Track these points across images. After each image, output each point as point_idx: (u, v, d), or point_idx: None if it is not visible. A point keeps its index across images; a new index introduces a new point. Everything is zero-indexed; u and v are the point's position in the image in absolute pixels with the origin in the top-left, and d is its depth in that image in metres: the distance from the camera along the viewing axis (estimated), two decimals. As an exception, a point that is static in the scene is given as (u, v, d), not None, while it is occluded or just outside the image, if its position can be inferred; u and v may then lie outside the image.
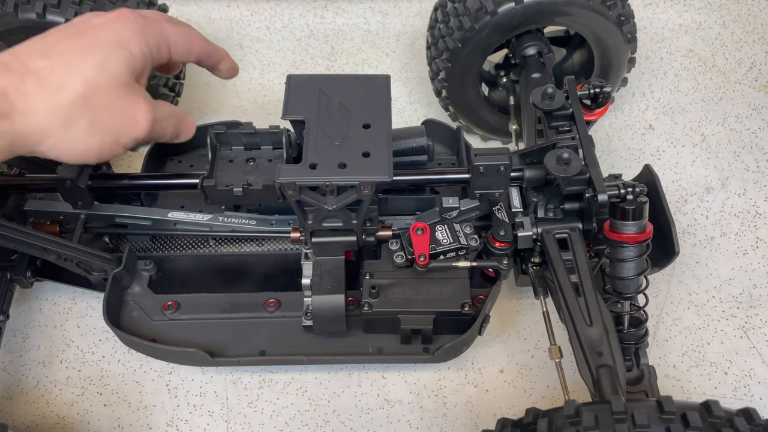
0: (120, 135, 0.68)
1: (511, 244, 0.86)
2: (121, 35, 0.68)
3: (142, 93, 0.70)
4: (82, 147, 0.66)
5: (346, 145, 0.77)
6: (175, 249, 0.97)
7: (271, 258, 0.97)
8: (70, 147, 0.66)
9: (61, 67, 0.64)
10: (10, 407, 0.93)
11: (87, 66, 0.65)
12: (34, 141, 0.64)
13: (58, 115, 0.63)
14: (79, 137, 0.65)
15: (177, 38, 0.74)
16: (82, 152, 0.67)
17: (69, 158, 0.67)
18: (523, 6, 0.95)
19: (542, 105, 0.87)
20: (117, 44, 0.67)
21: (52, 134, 0.64)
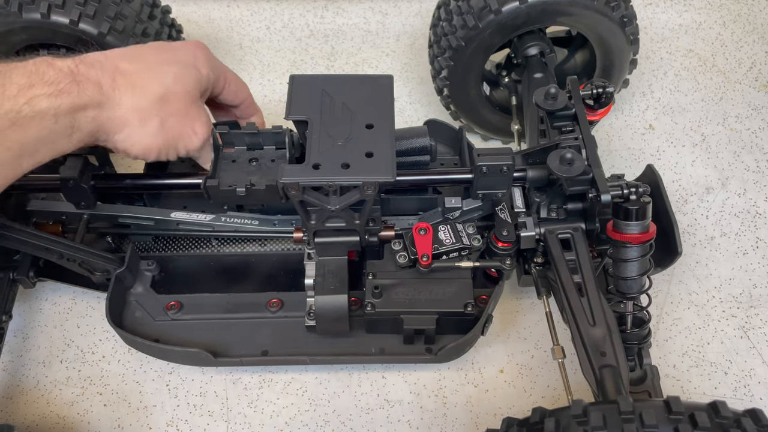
0: (179, 140, 0.78)
1: (513, 244, 0.86)
2: (196, 57, 0.80)
3: (204, 111, 0.81)
4: (149, 142, 0.75)
5: (349, 146, 0.77)
6: (178, 249, 0.97)
7: (273, 258, 0.97)
8: (140, 140, 0.75)
9: (146, 71, 0.75)
10: (10, 407, 0.93)
11: (167, 75, 0.76)
12: (113, 130, 0.73)
13: (138, 111, 0.73)
14: (149, 133, 0.75)
15: (231, 79, 0.86)
16: (148, 147, 0.76)
17: (135, 151, 0.76)
18: (527, 5, 0.95)
19: (545, 105, 0.87)
20: (192, 63, 0.79)
21: (129, 126, 0.73)
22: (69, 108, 0.68)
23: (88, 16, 0.95)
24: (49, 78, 0.67)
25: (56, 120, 0.67)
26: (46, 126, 0.66)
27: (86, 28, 0.96)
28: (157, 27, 1.04)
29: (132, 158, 0.78)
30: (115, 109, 0.72)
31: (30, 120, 0.65)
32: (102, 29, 0.96)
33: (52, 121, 0.66)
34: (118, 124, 0.73)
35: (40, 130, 0.66)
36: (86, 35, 0.96)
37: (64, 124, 0.68)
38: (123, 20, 0.98)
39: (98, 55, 0.74)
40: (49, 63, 0.68)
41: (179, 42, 0.83)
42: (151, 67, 0.76)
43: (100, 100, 0.70)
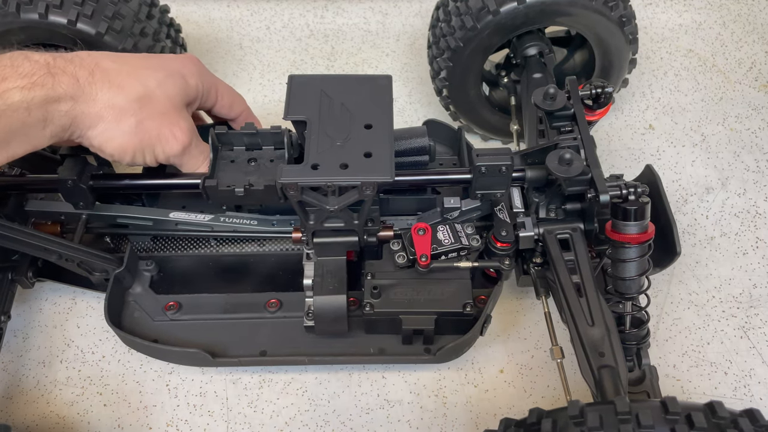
0: (157, 144, 0.77)
1: (512, 245, 0.86)
2: (184, 68, 0.80)
3: (187, 119, 0.80)
4: (123, 141, 0.75)
5: (347, 146, 0.77)
6: (177, 249, 0.97)
7: (272, 258, 0.97)
8: (114, 138, 0.74)
9: (127, 72, 0.75)
10: (10, 407, 0.93)
11: (149, 78, 0.76)
12: (87, 125, 0.72)
13: (114, 108, 0.73)
14: (124, 131, 0.74)
15: (225, 92, 0.86)
16: (122, 147, 0.75)
17: (109, 149, 0.75)
18: (525, 6, 0.95)
19: (544, 105, 0.87)
20: (178, 72, 0.79)
21: (103, 122, 0.73)
22: (42, 100, 0.67)
23: (86, 16, 0.95)
24: (24, 70, 0.67)
25: (29, 112, 0.67)
26: (18, 118, 0.66)
27: (84, 28, 0.95)
28: (155, 26, 1.04)
29: (107, 157, 0.78)
30: (89, 103, 0.72)
31: (2, 113, 0.65)
32: (100, 29, 0.96)
33: (24, 114, 0.66)
34: (93, 120, 0.72)
35: (12, 122, 0.66)
36: (84, 35, 0.96)
37: (36, 117, 0.68)
38: (121, 20, 0.98)
39: (81, 52, 0.75)
40: (25, 56, 0.68)
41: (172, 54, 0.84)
42: (134, 70, 0.76)
43: (75, 93, 0.70)
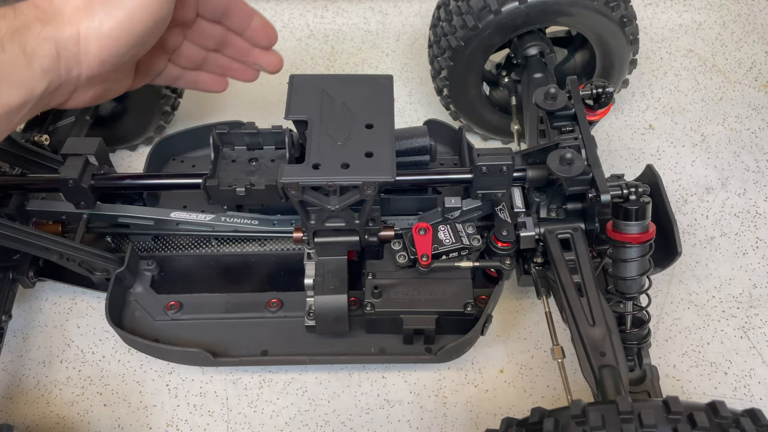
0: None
1: (513, 244, 0.86)
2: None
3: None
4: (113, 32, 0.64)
5: (348, 145, 0.77)
6: (178, 249, 0.97)
7: (273, 258, 0.97)
8: (104, 24, 0.63)
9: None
10: (10, 407, 0.93)
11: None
12: (73, 41, 0.62)
13: (87, 3, 0.62)
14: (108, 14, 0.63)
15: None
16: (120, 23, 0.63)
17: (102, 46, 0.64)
18: (526, 5, 0.95)
19: (545, 105, 0.87)
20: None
21: (85, 22, 0.62)
22: (9, 32, 0.60)
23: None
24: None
25: (2, 49, 0.59)
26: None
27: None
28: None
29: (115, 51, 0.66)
30: (60, 19, 0.62)
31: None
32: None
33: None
34: (73, 31, 0.62)
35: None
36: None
37: (13, 51, 0.60)
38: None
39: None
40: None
41: None
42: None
43: (41, 16, 0.61)
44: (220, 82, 0.84)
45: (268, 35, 0.81)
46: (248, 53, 0.81)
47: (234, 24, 0.79)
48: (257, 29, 0.79)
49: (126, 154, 1.21)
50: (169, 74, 0.80)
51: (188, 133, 1.03)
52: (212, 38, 0.79)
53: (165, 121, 1.17)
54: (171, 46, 0.77)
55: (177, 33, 0.77)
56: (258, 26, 0.79)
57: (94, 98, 0.69)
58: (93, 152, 0.86)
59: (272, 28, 0.80)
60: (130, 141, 1.18)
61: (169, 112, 1.16)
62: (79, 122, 1.03)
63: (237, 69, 0.83)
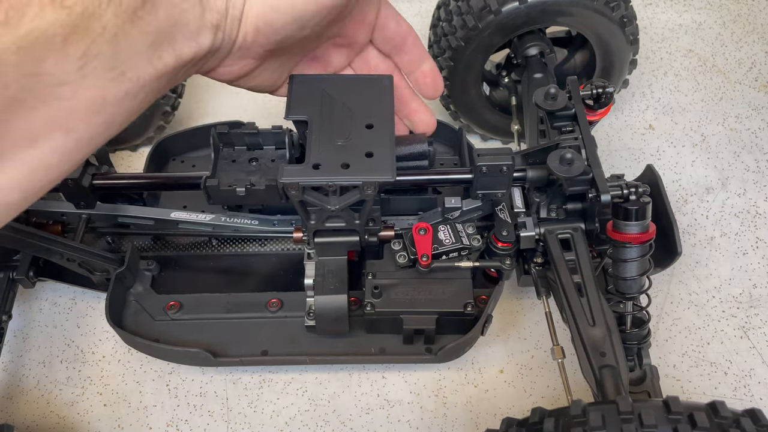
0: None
1: (513, 245, 0.86)
2: None
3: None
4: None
5: (349, 146, 0.77)
6: (178, 249, 0.97)
7: (273, 258, 0.97)
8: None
9: None
10: (10, 407, 0.93)
11: None
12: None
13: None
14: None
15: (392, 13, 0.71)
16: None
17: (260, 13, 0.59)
18: (526, 6, 0.95)
19: (545, 105, 0.87)
20: None
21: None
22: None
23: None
24: None
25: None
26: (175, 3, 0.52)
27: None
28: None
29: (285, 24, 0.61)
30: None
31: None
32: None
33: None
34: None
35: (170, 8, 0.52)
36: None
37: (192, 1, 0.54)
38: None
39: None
40: None
41: None
42: None
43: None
44: None
45: (435, 84, 0.76)
46: (405, 103, 0.79)
47: (404, 62, 0.76)
48: (426, 73, 0.75)
49: (126, 154, 1.21)
50: None
51: (188, 133, 1.03)
52: (377, 72, 0.77)
53: (165, 121, 1.17)
54: (332, 66, 0.76)
55: (344, 54, 0.75)
56: (428, 71, 0.75)
57: (239, 73, 0.64)
58: (93, 152, 0.85)
59: (441, 79, 0.76)
60: (130, 141, 1.18)
61: (169, 112, 1.16)
62: (80, 122, 1.03)
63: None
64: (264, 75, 0.69)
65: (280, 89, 0.74)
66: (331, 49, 0.74)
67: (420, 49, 0.75)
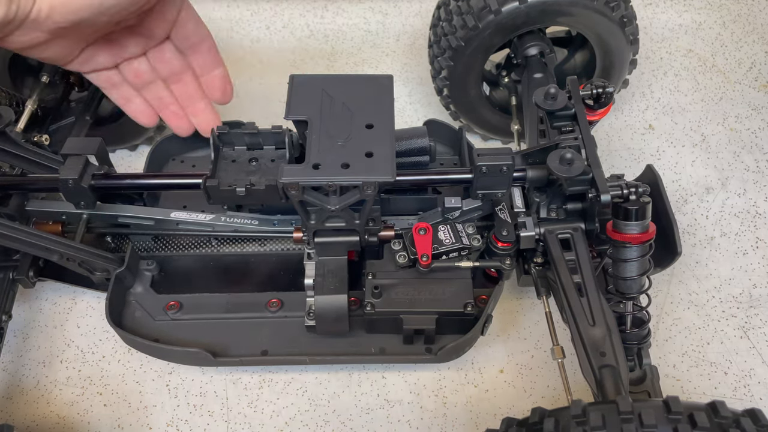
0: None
1: (513, 244, 0.86)
2: None
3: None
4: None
5: (349, 145, 0.77)
6: (178, 249, 0.97)
7: (273, 258, 0.97)
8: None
9: None
10: (10, 407, 0.93)
11: None
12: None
13: None
14: None
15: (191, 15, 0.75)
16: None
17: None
18: (527, 6, 0.95)
19: (545, 105, 0.87)
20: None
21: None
22: None
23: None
24: None
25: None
26: None
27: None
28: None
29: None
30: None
31: None
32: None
33: None
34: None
35: None
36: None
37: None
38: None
39: None
40: None
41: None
42: None
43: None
44: (150, 115, 0.84)
45: (223, 90, 0.81)
46: (192, 101, 0.82)
47: (198, 63, 0.79)
48: (216, 78, 0.80)
49: (126, 154, 1.21)
50: (109, 77, 0.80)
51: (188, 133, 1.03)
52: (169, 66, 0.80)
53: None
54: (127, 52, 0.77)
55: (140, 43, 0.77)
56: (218, 76, 0.80)
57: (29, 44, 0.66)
58: (93, 152, 0.85)
59: (231, 87, 0.81)
60: (130, 141, 1.18)
61: (169, 112, 1.16)
62: (79, 122, 1.04)
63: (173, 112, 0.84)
64: (54, 49, 0.70)
65: (72, 63, 0.74)
66: (127, 35, 0.75)
67: (214, 54, 0.79)
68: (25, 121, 0.97)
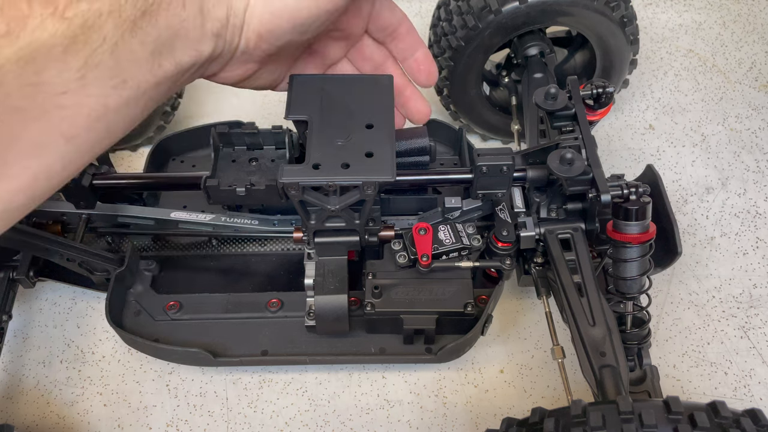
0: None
1: (513, 245, 0.86)
2: None
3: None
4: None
5: (349, 145, 0.77)
6: (178, 249, 0.97)
7: (273, 258, 0.97)
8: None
9: None
10: (10, 407, 0.92)
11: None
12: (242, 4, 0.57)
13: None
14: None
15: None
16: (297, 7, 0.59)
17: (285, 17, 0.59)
18: (527, 6, 0.95)
19: (545, 105, 0.87)
20: None
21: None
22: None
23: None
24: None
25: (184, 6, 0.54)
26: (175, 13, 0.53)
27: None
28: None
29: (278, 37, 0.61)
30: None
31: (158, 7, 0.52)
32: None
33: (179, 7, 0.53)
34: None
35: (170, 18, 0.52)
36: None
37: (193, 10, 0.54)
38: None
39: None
40: None
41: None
42: None
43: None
44: None
45: (429, 71, 0.76)
46: (400, 91, 0.79)
47: (398, 49, 0.75)
48: (420, 60, 0.75)
49: (126, 154, 1.21)
50: None
51: (188, 133, 1.03)
52: (372, 61, 0.77)
53: (165, 121, 1.17)
54: (329, 58, 0.76)
55: (340, 47, 0.75)
56: (421, 57, 0.75)
57: (242, 77, 0.65)
58: (95, 158, 0.85)
59: (435, 67, 0.76)
60: (130, 141, 1.18)
61: (169, 112, 1.16)
62: (80, 122, 1.03)
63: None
64: (265, 76, 0.69)
65: (280, 85, 0.75)
66: (328, 42, 0.74)
67: (414, 36, 0.75)
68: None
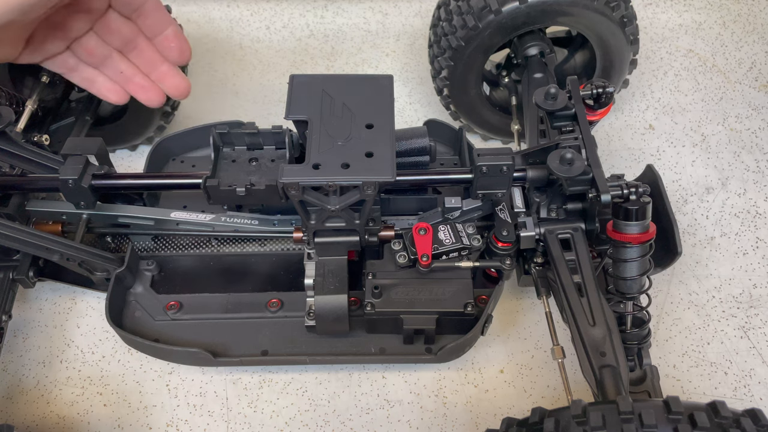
0: None
1: (513, 245, 0.86)
2: None
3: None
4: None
5: (349, 145, 0.77)
6: (178, 249, 0.97)
7: (273, 258, 0.97)
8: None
9: None
10: (11, 407, 0.92)
11: None
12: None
13: None
14: None
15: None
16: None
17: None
18: (527, 5, 0.95)
19: (545, 105, 0.87)
20: None
21: None
22: None
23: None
24: None
25: None
26: None
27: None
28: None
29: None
30: None
31: None
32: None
33: None
34: None
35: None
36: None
37: None
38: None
39: None
40: None
41: None
42: None
43: None
44: (118, 92, 0.82)
45: (180, 49, 0.78)
46: (154, 66, 0.79)
47: (147, 25, 0.77)
48: (170, 38, 0.77)
49: (126, 154, 1.21)
50: (65, 62, 0.78)
51: (188, 133, 1.03)
52: (120, 35, 0.77)
53: (165, 121, 1.17)
54: (73, 31, 0.75)
55: (83, 19, 0.75)
56: (171, 35, 0.77)
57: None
58: (93, 152, 0.85)
59: (187, 44, 0.78)
60: (130, 141, 1.18)
61: (169, 112, 1.16)
62: (79, 122, 1.04)
63: (139, 85, 0.81)
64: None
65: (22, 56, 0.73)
66: (67, 14, 0.73)
67: (161, 13, 0.76)
68: (25, 121, 0.97)
